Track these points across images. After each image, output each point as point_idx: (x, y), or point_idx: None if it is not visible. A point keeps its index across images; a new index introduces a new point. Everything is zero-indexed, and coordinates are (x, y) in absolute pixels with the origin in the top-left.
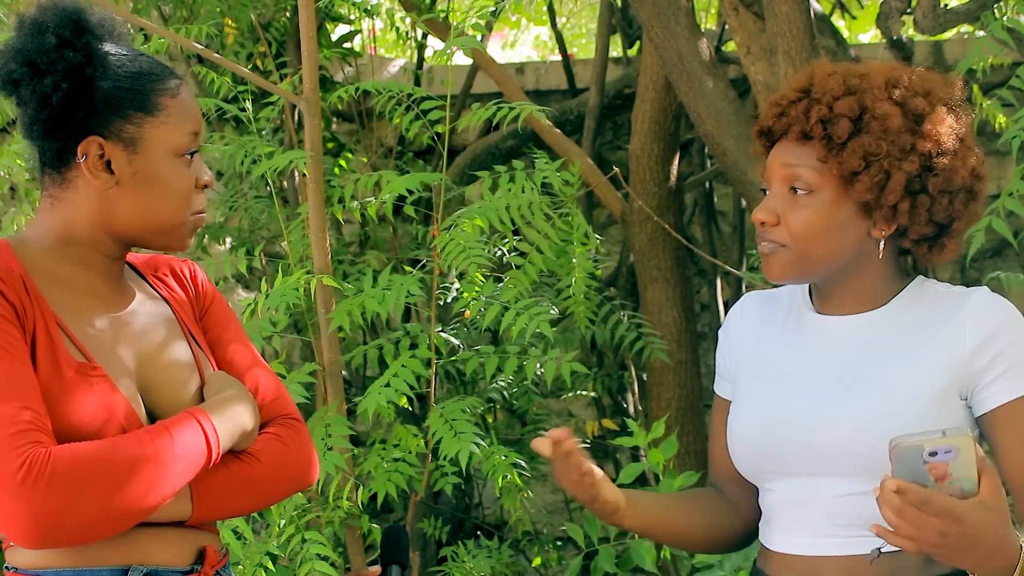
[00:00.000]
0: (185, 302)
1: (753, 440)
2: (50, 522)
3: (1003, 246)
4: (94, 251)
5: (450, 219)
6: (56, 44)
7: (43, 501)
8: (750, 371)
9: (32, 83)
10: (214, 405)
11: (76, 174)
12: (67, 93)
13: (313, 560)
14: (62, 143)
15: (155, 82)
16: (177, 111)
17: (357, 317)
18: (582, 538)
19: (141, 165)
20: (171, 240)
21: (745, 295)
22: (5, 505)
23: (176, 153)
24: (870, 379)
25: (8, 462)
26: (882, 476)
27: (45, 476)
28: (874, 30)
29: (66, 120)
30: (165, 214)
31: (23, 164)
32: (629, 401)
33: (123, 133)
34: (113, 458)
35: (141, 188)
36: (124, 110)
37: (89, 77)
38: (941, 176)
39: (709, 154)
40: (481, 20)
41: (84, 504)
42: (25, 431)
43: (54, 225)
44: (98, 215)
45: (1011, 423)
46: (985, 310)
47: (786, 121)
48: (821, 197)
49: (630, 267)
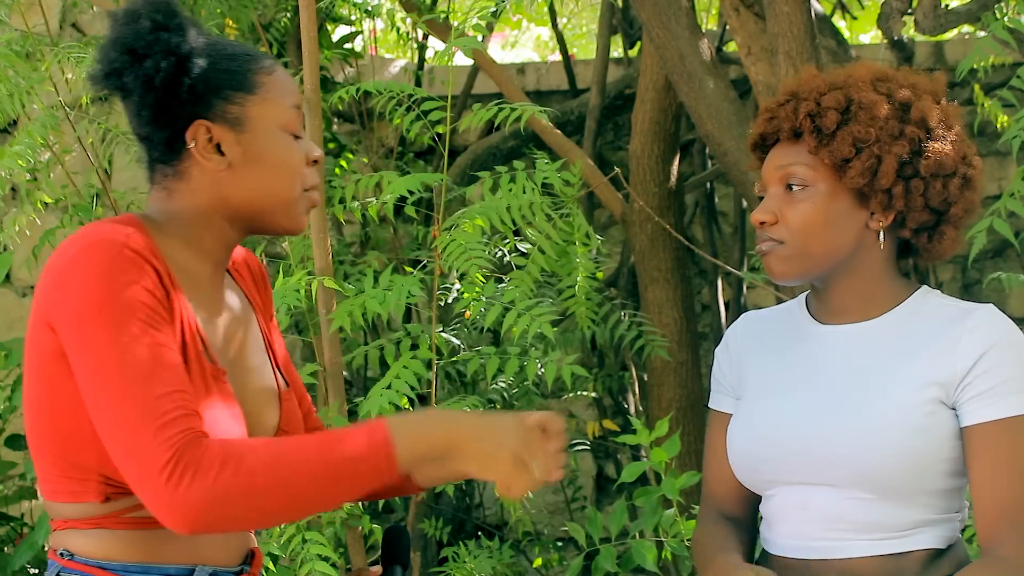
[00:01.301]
0: (259, 303)
1: (752, 450)
2: (201, 515)
3: (1004, 247)
4: (212, 239)
5: (451, 220)
6: (151, 28)
7: (188, 495)
8: (751, 384)
9: (134, 69)
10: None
11: (188, 164)
12: (168, 73)
13: (314, 560)
14: (170, 130)
15: (249, 62)
16: (275, 87)
17: (358, 318)
18: (583, 538)
19: (249, 143)
20: (287, 219)
21: (743, 314)
22: (156, 494)
23: (282, 128)
24: (867, 390)
25: (162, 451)
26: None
27: (193, 469)
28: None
29: (171, 103)
30: (279, 191)
31: (23, 165)
32: (630, 402)
33: (227, 114)
34: (279, 461)
35: (252, 167)
36: (224, 91)
37: (187, 55)
38: (932, 159)
39: (710, 154)
40: (482, 21)
41: (234, 503)
42: (178, 418)
43: (173, 214)
44: (214, 200)
45: (984, 445)
46: (983, 328)
47: (776, 123)
48: (816, 190)
49: (631, 268)
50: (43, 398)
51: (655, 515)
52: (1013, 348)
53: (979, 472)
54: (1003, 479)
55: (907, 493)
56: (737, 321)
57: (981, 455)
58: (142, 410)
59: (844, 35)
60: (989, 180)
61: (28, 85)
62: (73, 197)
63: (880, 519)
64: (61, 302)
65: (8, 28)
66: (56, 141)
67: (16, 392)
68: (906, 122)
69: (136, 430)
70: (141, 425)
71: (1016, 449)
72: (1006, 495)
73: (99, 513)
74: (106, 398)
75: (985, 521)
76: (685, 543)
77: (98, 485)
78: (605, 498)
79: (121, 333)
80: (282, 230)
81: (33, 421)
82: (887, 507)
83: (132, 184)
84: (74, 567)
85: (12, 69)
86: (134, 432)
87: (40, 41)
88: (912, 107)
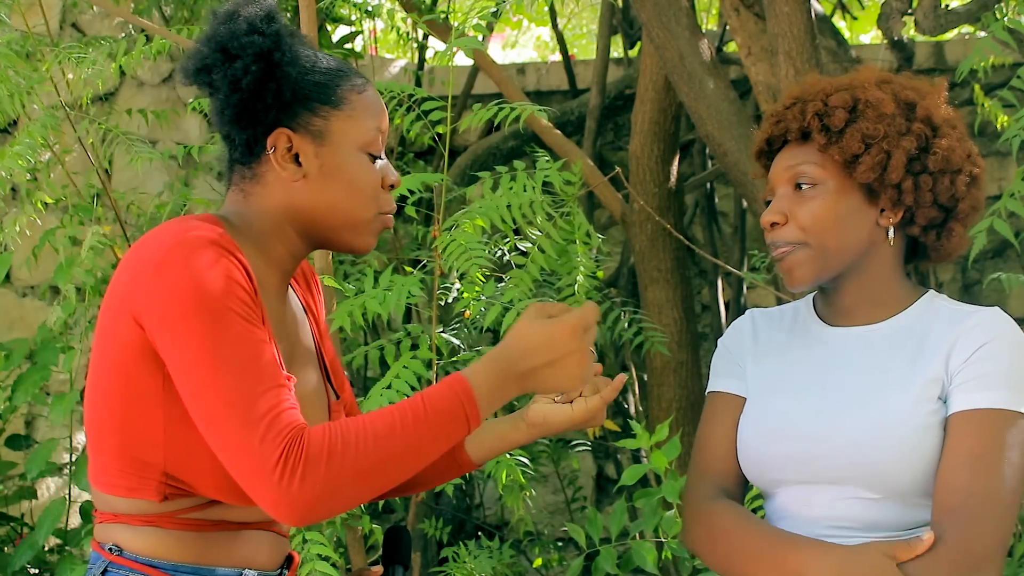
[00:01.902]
0: (314, 308)
1: (758, 448)
2: (316, 506)
3: (1004, 247)
4: (282, 248)
5: (451, 219)
6: (247, 30)
7: (301, 490)
8: (756, 381)
9: (223, 68)
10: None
11: (266, 168)
12: (256, 76)
13: (314, 560)
14: (251, 132)
15: (342, 78)
16: (363, 106)
17: (358, 317)
18: (583, 539)
19: (328, 158)
20: (356, 238)
21: (748, 311)
22: (271, 493)
23: (362, 148)
24: (872, 391)
25: (271, 449)
26: (879, 486)
27: (303, 464)
28: (875, 31)
29: (255, 107)
30: (350, 209)
31: (24, 165)
32: (630, 402)
33: (311, 126)
34: (378, 436)
35: (327, 181)
36: (311, 103)
37: (277, 62)
38: (940, 154)
39: (710, 154)
40: (482, 21)
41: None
42: (282, 413)
43: (246, 218)
44: (287, 209)
45: (954, 433)
46: (982, 326)
47: (783, 126)
48: (825, 188)
49: (631, 268)
50: (116, 391)
51: (655, 516)
52: (1007, 346)
53: (945, 458)
54: (963, 468)
55: (911, 493)
56: (744, 315)
57: (950, 441)
58: (248, 408)
59: (844, 35)
60: (989, 180)
61: (28, 85)
62: (73, 197)
63: (883, 519)
64: (154, 297)
65: (8, 28)
66: (56, 141)
67: (16, 393)
68: (912, 119)
69: (244, 429)
70: (248, 424)
71: (983, 441)
72: (962, 483)
73: (155, 511)
74: (211, 396)
75: (939, 506)
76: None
77: (158, 484)
78: (605, 498)
79: (221, 330)
80: (348, 248)
81: (99, 412)
82: (891, 507)
83: (132, 184)
84: (123, 563)
85: (12, 69)
86: (242, 431)
87: (40, 41)
88: (917, 105)
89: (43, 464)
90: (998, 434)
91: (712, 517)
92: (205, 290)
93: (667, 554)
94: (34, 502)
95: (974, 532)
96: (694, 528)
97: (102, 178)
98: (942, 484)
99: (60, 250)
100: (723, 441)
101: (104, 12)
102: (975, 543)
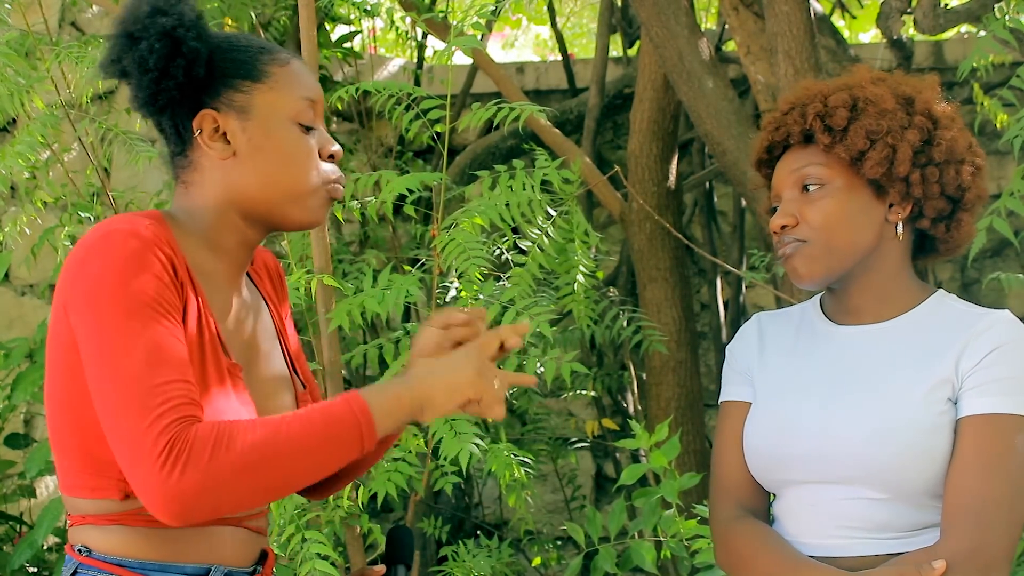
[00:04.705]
0: (276, 302)
1: (766, 448)
2: (195, 503)
3: (1003, 246)
4: (231, 237)
5: (450, 218)
6: (149, 12)
7: (180, 482)
8: (765, 383)
9: (131, 52)
10: (375, 391)
11: (199, 154)
12: (161, 54)
13: (313, 559)
14: (177, 117)
15: (263, 52)
16: (287, 78)
17: (357, 317)
18: (582, 538)
19: (255, 132)
20: (302, 212)
21: (756, 315)
22: (150, 483)
23: (292, 119)
24: (878, 390)
25: (156, 440)
26: (886, 485)
27: (186, 456)
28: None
29: (167, 85)
30: (287, 181)
31: (23, 164)
32: (629, 401)
33: (234, 102)
34: (268, 441)
35: (259, 156)
36: (231, 79)
37: (181, 38)
38: (944, 145)
39: (709, 153)
40: (481, 20)
41: (225, 486)
42: (176, 406)
43: (189, 209)
44: (226, 192)
45: (964, 436)
46: (994, 329)
47: (784, 131)
48: (833, 187)
49: (630, 267)
50: (65, 390)
51: (654, 515)
52: (1019, 351)
53: (954, 461)
54: (973, 471)
55: (918, 493)
56: (751, 320)
57: (960, 445)
58: (143, 399)
59: (843, 35)
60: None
61: (28, 84)
62: (73, 196)
63: (891, 519)
64: (76, 290)
65: (8, 27)
66: (56, 140)
67: (15, 392)
68: (913, 113)
69: (135, 418)
70: (140, 414)
71: (993, 445)
72: (972, 487)
73: (118, 510)
74: (108, 386)
75: (948, 509)
76: (684, 543)
77: (118, 482)
78: (604, 497)
79: (128, 321)
80: (296, 224)
81: (55, 414)
82: (898, 507)
83: (131, 183)
84: (92, 564)
85: (12, 68)
86: (133, 420)
87: (40, 40)
88: (916, 100)
89: (42, 463)
90: (1009, 439)
91: (733, 540)
92: (116, 284)
93: (666, 553)
94: (33, 501)
95: (984, 538)
96: (719, 550)
97: (101, 177)
98: (952, 487)
99: (59, 249)
100: (738, 452)
101: (103, 11)
102: (985, 549)
